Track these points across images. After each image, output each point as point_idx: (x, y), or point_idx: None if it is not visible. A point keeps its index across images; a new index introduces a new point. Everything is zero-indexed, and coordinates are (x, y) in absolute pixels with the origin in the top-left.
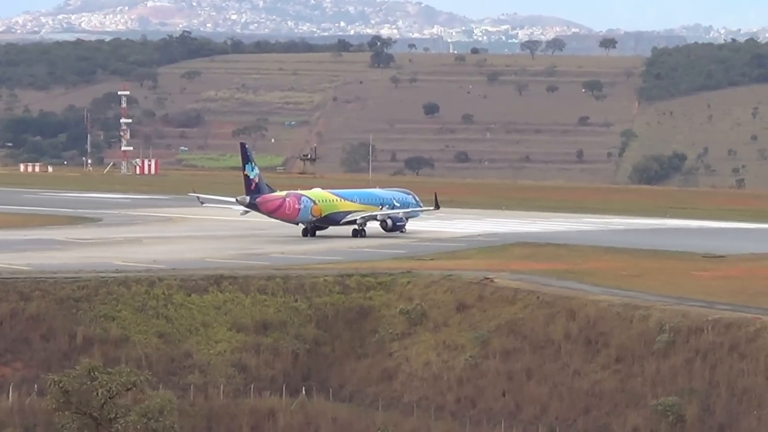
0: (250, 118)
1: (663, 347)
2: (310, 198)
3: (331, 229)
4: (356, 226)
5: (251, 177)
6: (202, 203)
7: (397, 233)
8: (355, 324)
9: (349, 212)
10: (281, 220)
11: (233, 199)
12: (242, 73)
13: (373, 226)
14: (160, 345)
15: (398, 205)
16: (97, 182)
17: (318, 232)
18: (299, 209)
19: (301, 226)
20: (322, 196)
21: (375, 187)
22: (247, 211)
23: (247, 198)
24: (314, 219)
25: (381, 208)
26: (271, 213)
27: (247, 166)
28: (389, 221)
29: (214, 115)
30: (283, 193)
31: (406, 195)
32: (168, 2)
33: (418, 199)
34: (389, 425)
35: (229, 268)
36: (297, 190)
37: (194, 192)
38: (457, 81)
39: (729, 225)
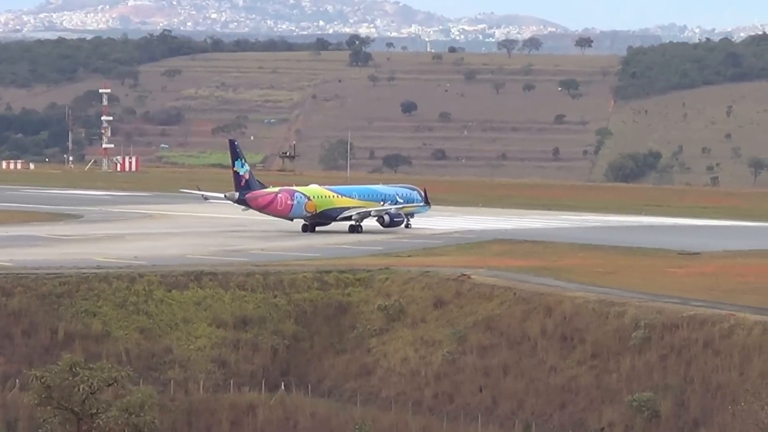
0: (230, 115)
1: (638, 343)
2: (304, 194)
3: (333, 225)
4: (352, 222)
5: (241, 173)
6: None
7: (401, 228)
8: (333, 320)
9: (346, 208)
10: (274, 215)
11: (222, 195)
12: (222, 72)
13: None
14: (141, 340)
15: (402, 201)
16: (79, 179)
17: (319, 228)
18: (292, 205)
19: (301, 222)
20: (317, 192)
21: (378, 183)
22: (247, 208)
23: (236, 194)
24: (309, 215)
25: (382, 204)
26: (262, 209)
27: (236, 162)
28: (386, 217)
29: (194, 113)
30: (276, 188)
31: (411, 191)
32: (149, 1)
33: (424, 195)
34: (367, 420)
35: (210, 265)
36: (292, 185)
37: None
38: (434, 79)
39: (703, 222)
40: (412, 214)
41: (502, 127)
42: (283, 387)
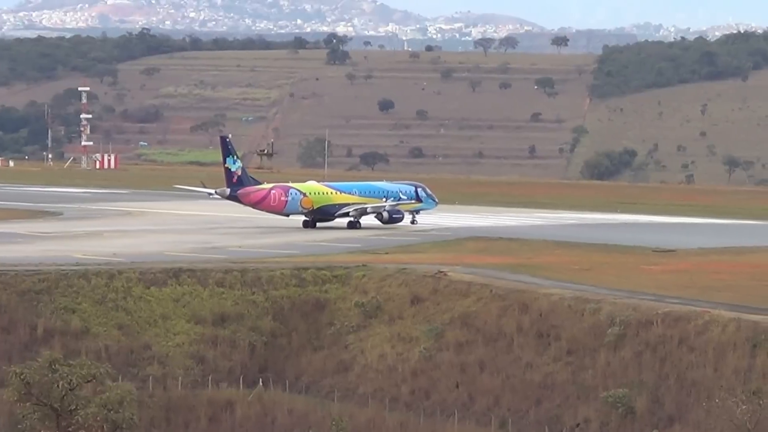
0: (208, 113)
1: (613, 340)
2: (299, 190)
3: (337, 221)
4: (351, 219)
5: (233, 170)
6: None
7: (404, 225)
8: (311, 316)
9: (345, 205)
10: (268, 212)
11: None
12: (200, 70)
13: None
14: (120, 337)
15: (405, 198)
16: (58, 177)
17: (321, 224)
18: (286, 201)
19: (301, 219)
20: (314, 189)
21: (382, 180)
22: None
23: (227, 190)
24: (305, 211)
25: (384, 201)
26: (254, 205)
27: (228, 159)
28: (385, 214)
29: (172, 111)
30: (269, 185)
31: (415, 188)
32: (127, 0)
33: (429, 192)
34: (344, 416)
35: (188, 262)
36: (288, 182)
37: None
38: (411, 78)
39: (678, 220)
40: (417, 211)
41: (478, 125)
42: (260, 383)
